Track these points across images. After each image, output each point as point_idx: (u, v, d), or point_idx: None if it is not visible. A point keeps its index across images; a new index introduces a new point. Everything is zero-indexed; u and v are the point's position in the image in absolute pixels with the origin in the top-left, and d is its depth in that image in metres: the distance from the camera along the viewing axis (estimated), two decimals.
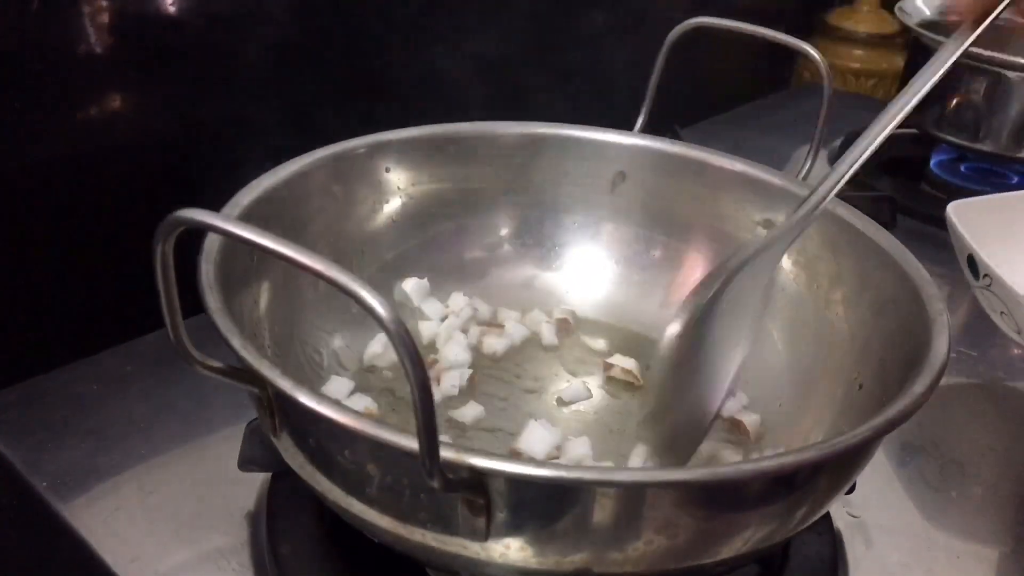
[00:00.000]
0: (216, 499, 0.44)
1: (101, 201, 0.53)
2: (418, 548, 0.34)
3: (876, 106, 0.96)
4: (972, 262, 0.54)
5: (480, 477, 0.30)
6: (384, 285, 0.50)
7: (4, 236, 0.50)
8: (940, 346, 0.36)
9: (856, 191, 0.76)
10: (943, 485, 0.50)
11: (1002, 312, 0.53)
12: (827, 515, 0.44)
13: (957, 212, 0.55)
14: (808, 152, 0.51)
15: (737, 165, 0.51)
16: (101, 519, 0.43)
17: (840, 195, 0.49)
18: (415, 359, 0.27)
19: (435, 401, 0.31)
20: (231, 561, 0.41)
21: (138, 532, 0.42)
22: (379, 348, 0.48)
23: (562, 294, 0.54)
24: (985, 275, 0.53)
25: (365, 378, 0.48)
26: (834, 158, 0.83)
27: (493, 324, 0.52)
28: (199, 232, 0.38)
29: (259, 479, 0.44)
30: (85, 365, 0.52)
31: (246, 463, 0.42)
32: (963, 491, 0.49)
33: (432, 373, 0.47)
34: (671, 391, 0.41)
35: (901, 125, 0.87)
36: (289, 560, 0.39)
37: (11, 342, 0.51)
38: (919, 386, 0.34)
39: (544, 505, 0.31)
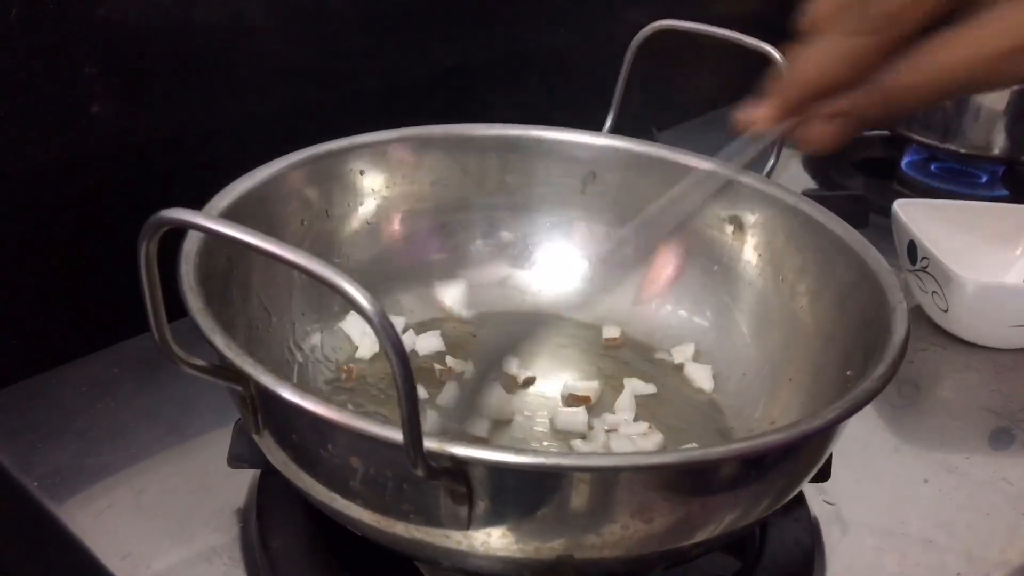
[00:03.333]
0: (206, 496, 0.45)
1: (86, 207, 0.54)
2: (402, 541, 0.35)
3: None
4: (912, 247, 0.61)
5: (461, 465, 0.31)
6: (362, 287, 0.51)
7: None
8: (899, 333, 0.38)
9: (829, 190, 0.78)
10: (917, 473, 0.51)
11: (933, 292, 0.60)
12: (804, 503, 0.45)
13: (902, 207, 0.64)
14: (772, 151, 0.53)
15: (704, 163, 0.52)
16: (93, 517, 0.43)
17: (814, 195, 0.50)
18: (399, 349, 0.28)
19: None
20: (222, 556, 0.42)
21: (130, 529, 0.43)
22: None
23: (535, 292, 0.55)
24: (923, 257, 0.60)
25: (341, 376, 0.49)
26: (807, 160, 0.85)
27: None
28: (180, 238, 0.39)
29: (248, 476, 0.45)
30: (72, 368, 0.52)
31: (235, 460, 0.43)
32: (936, 479, 0.51)
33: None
34: None
35: (871, 128, 0.89)
36: (279, 554, 0.40)
37: (0, 346, 0.52)
38: (880, 371, 0.35)
39: (525, 492, 0.32)
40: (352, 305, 0.27)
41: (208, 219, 0.30)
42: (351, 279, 0.27)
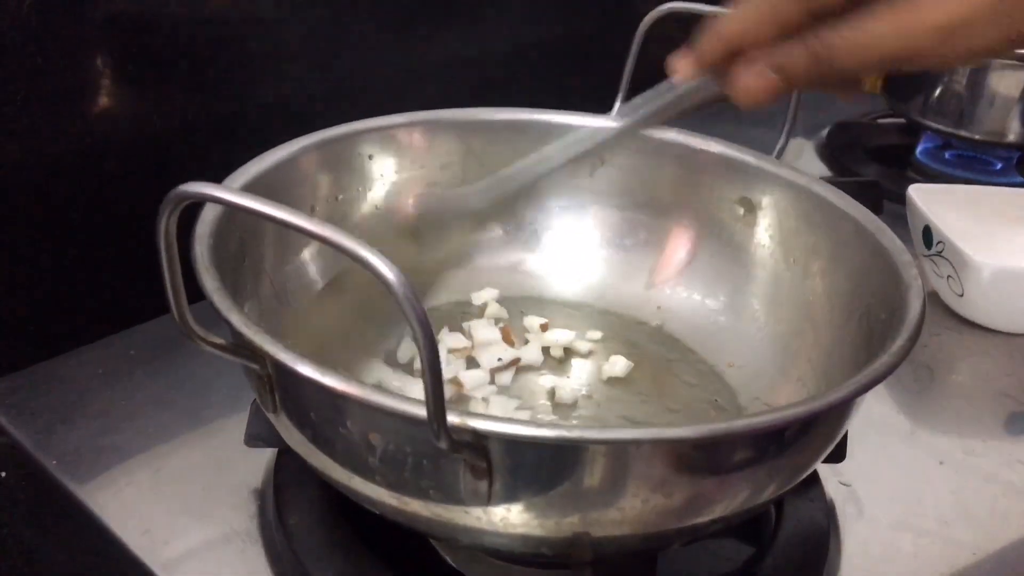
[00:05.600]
0: (224, 475, 0.45)
1: (102, 193, 0.54)
2: (420, 519, 0.35)
3: (861, 97, 0.98)
4: (927, 232, 0.61)
5: (482, 440, 0.31)
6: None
7: (10, 227, 0.51)
8: (915, 310, 0.38)
9: (843, 177, 0.78)
10: (932, 455, 0.51)
11: (949, 276, 0.60)
12: (819, 484, 0.45)
13: (917, 192, 0.64)
14: (781, 131, 0.53)
15: (713, 146, 0.52)
16: (112, 495, 0.44)
17: (827, 181, 0.50)
18: (423, 322, 0.28)
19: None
20: (240, 533, 0.42)
21: (148, 507, 0.43)
22: None
23: (548, 277, 0.54)
24: (939, 242, 0.60)
25: None
26: (821, 147, 0.85)
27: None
28: (193, 222, 0.39)
29: (265, 456, 0.45)
30: (90, 351, 0.53)
31: (252, 439, 0.43)
32: (952, 461, 0.51)
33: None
34: None
35: (886, 116, 0.88)
36: (297, 530, 0.40)
37: (18, 329, 0.52)
38: (897, 345, 0.35)
39: (545, 466, 0.32)
40: (375, 275, 0.27)
41: (229, 192, 0.30)
42: (376, 250, 0.27)
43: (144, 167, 0.55)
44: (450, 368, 0.48)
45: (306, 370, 0.33)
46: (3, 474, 0.48)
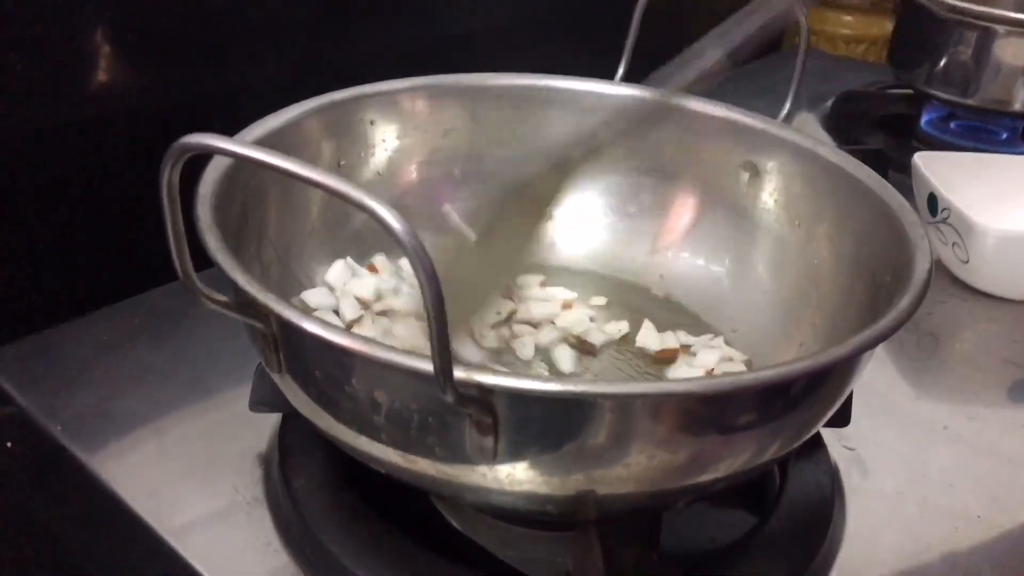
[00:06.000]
0: (229, 441, 0.45)
1: (105, 162, 0.54)
2: (426, 477, 0.35)
3: (866, 69, 0.98)
4: (932, 199, 0.62)
5: (488, 395, 0.31)
6: (373, 237, 0.50)
7: (13, 196, 0.51)
8: (922, 268, 0.38)
9: (847, 146, 0.77)
10: (937, 421, 0.51)
11: (954, 243, 0.60)
12: (824, 448, 0.45)
13: (922, 159, 0.64)
14: (788, 93, 0.53)
15: (718, 110, 0.52)
16: (117, 460, 0.44)
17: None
18: (430, 273, 0.27)
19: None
20: (246, 497, 0.42)
21: (154, 471, 0.43)
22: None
23: (551, 243, 0.54)
24: (944, 208, 0.60)
25: None
26: (826, 118, 0.85)
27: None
28: (195, 184, 0.39)
29: (269, 423, 0.45)
30: (93, 319, 0.52)
31: (257, 404, 0.43)
32: (956, 426, 0.51)
33: None
34: None
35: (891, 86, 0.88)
36: (303, 494, 0.40)
37: (22, 297, 0.52)
38: (904, 303, 0.35)
39: (551, 421, 0.32)
40: (382, 225, 0.27)
41: (233, 143, 0.30)
42: (381, 200, 0.27)
43: (146, 138, 0.54)
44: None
45: (311, 326, 0.32)
46: (8, 444, 0.49)
